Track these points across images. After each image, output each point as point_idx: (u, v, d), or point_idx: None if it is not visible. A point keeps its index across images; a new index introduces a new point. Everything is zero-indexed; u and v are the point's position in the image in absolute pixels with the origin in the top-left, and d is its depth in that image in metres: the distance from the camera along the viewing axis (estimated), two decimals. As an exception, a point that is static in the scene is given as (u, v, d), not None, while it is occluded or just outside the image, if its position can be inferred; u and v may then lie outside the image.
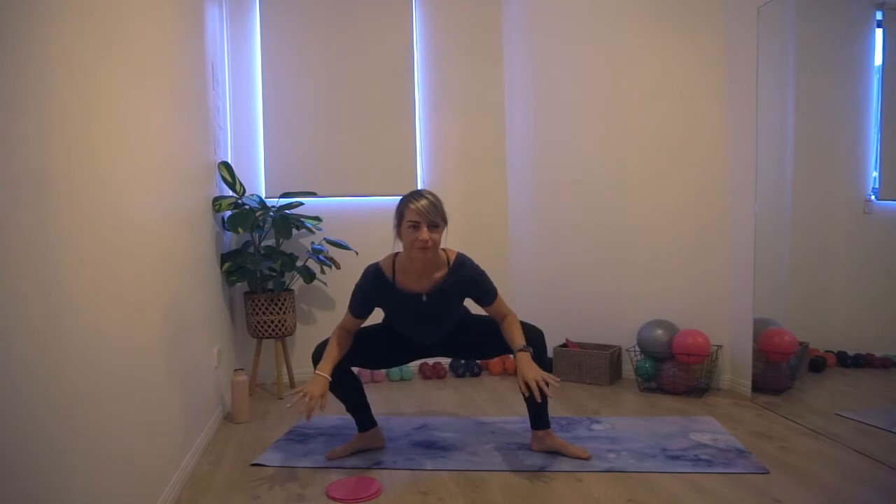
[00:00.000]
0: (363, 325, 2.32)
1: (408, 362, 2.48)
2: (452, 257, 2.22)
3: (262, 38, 3.56)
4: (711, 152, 3.20)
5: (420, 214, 2.05)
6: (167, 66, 2.21)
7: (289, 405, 2.10)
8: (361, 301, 2.23)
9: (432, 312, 2.23)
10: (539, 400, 2.00)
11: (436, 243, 2.09)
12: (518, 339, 2.14)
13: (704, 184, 3.22)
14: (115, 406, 1.54)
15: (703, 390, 3.09)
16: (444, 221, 2.12)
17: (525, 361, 2.05)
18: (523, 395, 2.06)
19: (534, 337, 2.22)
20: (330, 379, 2.13)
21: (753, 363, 2.97)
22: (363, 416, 2.37)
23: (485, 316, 2.32)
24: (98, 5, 1.55)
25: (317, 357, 2.26)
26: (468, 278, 2.21)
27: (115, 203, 1.61)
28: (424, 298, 2.20)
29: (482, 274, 2.25)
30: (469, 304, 2.31)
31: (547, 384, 1.98)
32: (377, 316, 2.32)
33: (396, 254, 2.24)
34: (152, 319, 1.89)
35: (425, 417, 2.82)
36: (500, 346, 2.28)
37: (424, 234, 2.05)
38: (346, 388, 2.31)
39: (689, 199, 3.25)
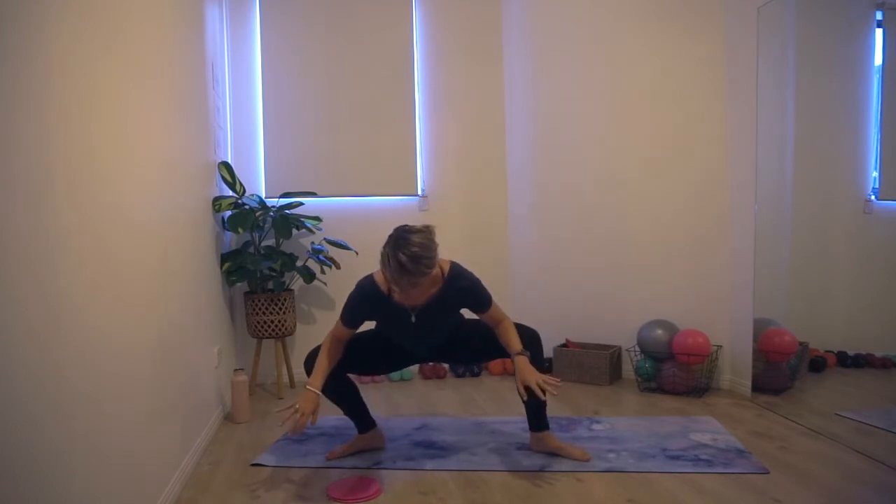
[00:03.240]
0: (358, 332, 2.28)
1: (404, 367, 2.47)
2: (447, 269, 2.14)
3: (262, 38, 3.57)
4: (711, 152, 3.20)
5: (392, 281, 1.94)
6: (167, 66, 2.21)
7: (279, 416, 1.97)
8: (354, 314, 2.18)
9: (424, 327, 2.20)
10: (543, 399, 2.00)
11: (419, 293, 2.04)
12: (515, 343, 2.13)
13: (705, 184, 3.22)
14: (115, 406, 1.54)
15: (703, 390, 3.09)
16: (426, 273, 1.93)
17: (523, 365, 2.04)
18: (522, 399, 2.04)
19: (530, 340, 2.21)
20: (320, 394, 2.11)
21: (753, 363, 2.97)
22: (361, 419, 2.37)
23: (477, 320, 2.28)
24: (98, 5, 1.55)
25: (309, 364, 2.24)
26: (463, 289, 2.15)
27: (115, 203, 1.61)
28: (413, 319, 2.16)
29: (477, 283, 2.19)
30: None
31: (544, 388, 1.96)
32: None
33: None
34: (152, 319, 1.89)
35: (425, 417, 2.82)
36: (496, 351, 2.26)
37: (399, 295, 2.04)
38: (339, 393, 2.30)
39: (689, 199, 3.25)
